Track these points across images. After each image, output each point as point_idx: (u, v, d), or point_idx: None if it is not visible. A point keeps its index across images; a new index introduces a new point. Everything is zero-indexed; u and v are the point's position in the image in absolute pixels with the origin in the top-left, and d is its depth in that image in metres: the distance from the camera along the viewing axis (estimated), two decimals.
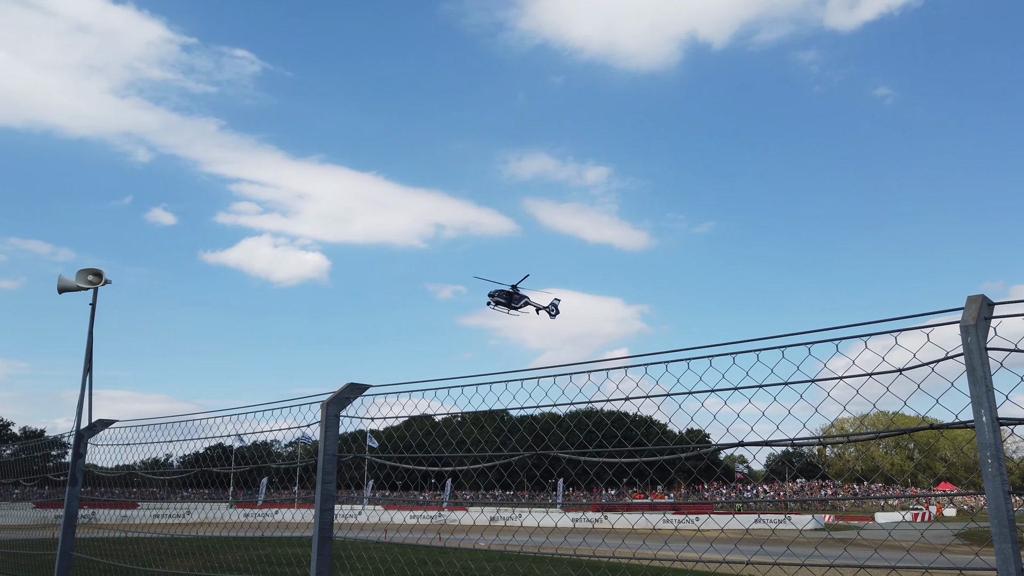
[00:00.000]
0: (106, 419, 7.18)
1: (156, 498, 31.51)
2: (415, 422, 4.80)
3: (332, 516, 4.75)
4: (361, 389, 5.14)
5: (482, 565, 11.04)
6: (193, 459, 21.93)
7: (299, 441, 47.46)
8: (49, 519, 33.57)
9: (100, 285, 10.85)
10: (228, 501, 53.43)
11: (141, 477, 8.63)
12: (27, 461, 11.59)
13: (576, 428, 4.33)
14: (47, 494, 55.34)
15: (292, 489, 65.90)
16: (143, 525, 9.22)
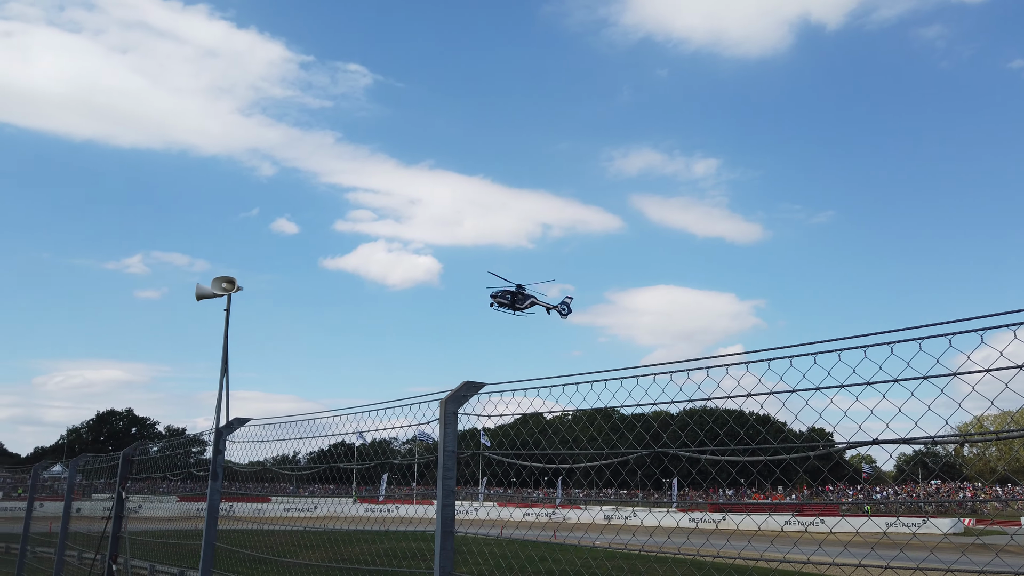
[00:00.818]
0: (242, 417, 7.64)
1: (286, 493, 33.29)
2: (530, 419, 4.87)
3: (453, 511, 4.85)
4: (477, 387, 5.21)
5: (602, 563, 10.97)
6: (318, 456, 23.00)
7: (417, 439, 48.85)
8: (192, 512, 36.04)
9: (233, 292, 11.56)
10: (352, 496, 55.65)
11: (274, 473, 9.13)
12: (171, 458, 12.50)
13: (696, 426, 4.22)
14: (188, 489, 59.64)
15: (411, 485, 67.82)
16: (275, 518, 9.75)
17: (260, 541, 9.48)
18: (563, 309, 42.01)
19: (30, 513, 16.91)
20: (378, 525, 12.57)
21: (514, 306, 39.25)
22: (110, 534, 10.28)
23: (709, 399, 4.08)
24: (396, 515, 17.37)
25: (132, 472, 10.67)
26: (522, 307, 39.70)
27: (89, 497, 42.17)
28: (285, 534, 9.16)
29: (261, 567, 11.00)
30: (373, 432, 7.26)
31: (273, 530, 9.16)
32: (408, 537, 20.71)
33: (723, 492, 75.97)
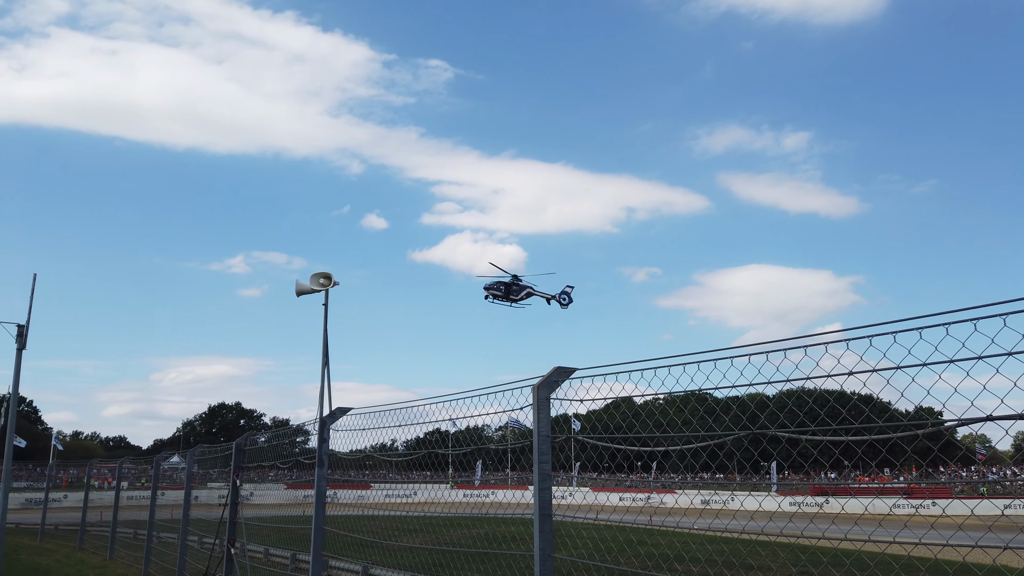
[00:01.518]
0: (343, 407, 7.96)
1: (386, 479, 34.24)
2: (622, 404, 4.84)
3: (550, 495, 4.93)
4: (568, 372, 5.25)
5: (703, 547, 10.86)
6: (415, 443, 23.63)
7: (508, 425, 49.48)
8: (298, 498, 37.48)
9: (330, 287, 12.00)
10: (449, 482, 56.92)
11: (375, 460, 9.49)
12: (277, 447, 13.14)
13: (796, 406, 4.12)
14: (294, 477, 62.30)
15: (505, 471, 68.69)
16: (377, 504, 10.11)
17: (364, 525, 9.86)
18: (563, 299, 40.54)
19: (154, 501, 18.13)
20: (475, 510, 12.84)
21: (508, 297, 38.10)
22: (227, 520, 10.91)
23: (808, 378, 3.98)
24: (492, 500, 17.74)
25: (244, 461, 11.27)
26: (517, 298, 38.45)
27: (204, 485, 44.79)
28: (387, 519, 9.48)
29: (366, 550, 11.45)
30: (466, 419, 7.43)
31: (375, 515, 9.50)
32: (504, 522, 21.04)
33: (825, 475, 73.44)
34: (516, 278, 37.82)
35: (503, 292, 37.44)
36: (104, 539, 23.60)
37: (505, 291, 37.43)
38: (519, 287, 37.71)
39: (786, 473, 76.10)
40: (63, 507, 37.12)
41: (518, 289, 37.72)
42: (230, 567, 10.70)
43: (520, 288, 37.78)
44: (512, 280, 37.61)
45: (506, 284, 37.42)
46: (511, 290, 37.50)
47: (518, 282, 37.65)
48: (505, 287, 37.46)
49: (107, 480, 61.01)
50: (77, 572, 18.42)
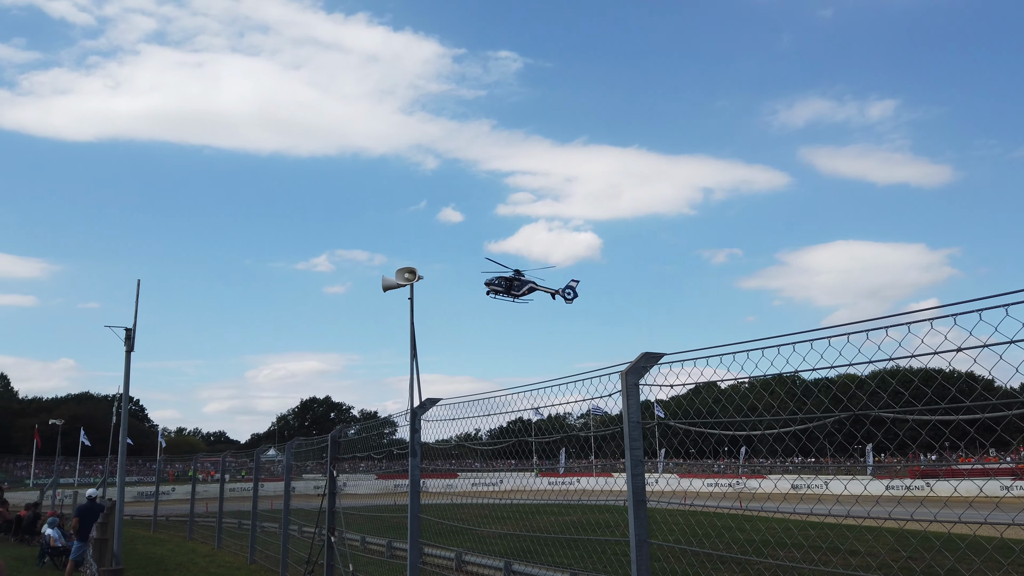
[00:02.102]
0: (433, 398, 8.13)
1: (472, 468, 34.76)
2: (703, 389, 4.79)
3: (643, 481, 4.92)
4: (655, 358, 5.21)
5: (805, 531, 10.60)
6: (498, 432, 23.83)
7: (591, 412, 49.52)
8: (389, 488, 38.25)
9: (415, 281, 12.26)
10: (533, 470, 57.32)
11: (461, 449, 9.66)
12: (366, 439, 13.52)
13: (900, 385, 3.97)
14: (383, 467, 63.88)
15: (588, 458, 68.63)
16: (464, 492, 10.30)
17: (454, 513, 10.06)
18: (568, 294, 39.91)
19: (256, 493, 18.98)
20: (561, 498, 12.93)
21: (510, 292, 37.83)
22: (326, 509, 11.33)
23: (913, 356, 3.83)
24: (576, 488, 17.81)
25: (339, 453, 11.67)
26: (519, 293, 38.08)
27: (300, 477, 46.51)
28: (476, 507, 9.65)
29: (458, 537, 11.68)
30: (552, 407, 7.47)
31: (465, 503, 9.67)
32: (591, 508, 20.99)
33: (925, 456, 70.26)
34: (518, 273, 37.85)
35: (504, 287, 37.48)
36: (211, 529, 24.88)
37: (507, 286, 37.46)
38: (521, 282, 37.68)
39: (883, 456, 73.15)
40: (171, 499, 39.29)
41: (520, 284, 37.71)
42: (331, 555, 11.12)
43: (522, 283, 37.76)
44: (514, 275, 37.64)
45: (508, 279, 37.49)
46: (512, 285, 37.53)
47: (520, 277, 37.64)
48: (507, 282, 37.50)
49: (210, 473, 64.25)
50: (189, 560, 19.48)
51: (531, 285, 37.72)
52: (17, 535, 25.01)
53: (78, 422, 76.72)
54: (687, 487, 48.58)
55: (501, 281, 37.06)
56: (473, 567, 12.96)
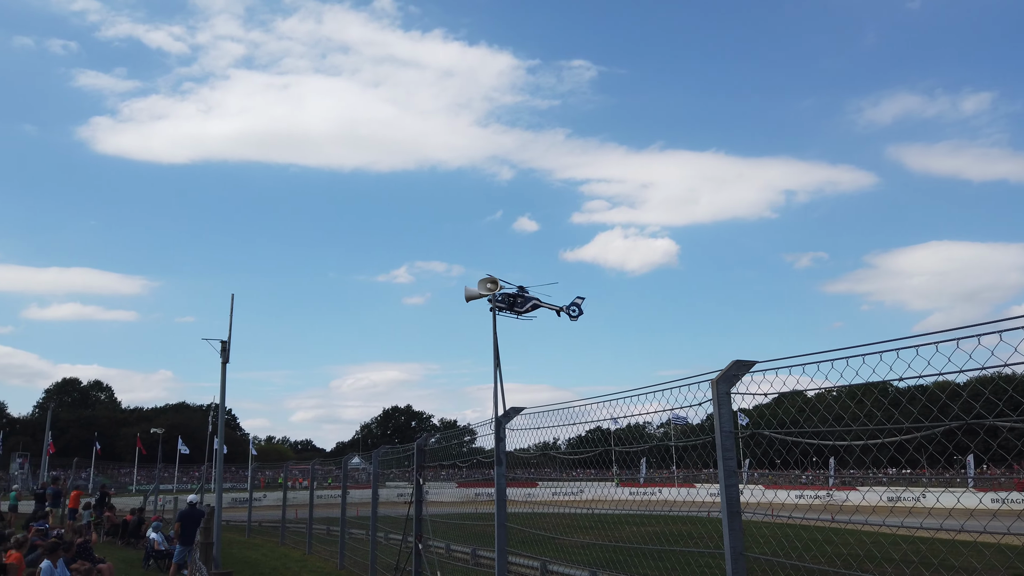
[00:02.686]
0: (517, 407, 8.30)
1: (551, 478, 34.74)
2: (786, 399, 4.74)
3: (738, 492, 4.93)
4: (747, 366, 5.20)
5: (897, 546, 10.24)
6: (576, 442, 23.82)
7: (671, 422, 48.80)
8: (470, 496, 38.59)
9: (497, 291, 12.50)
10: (613, 480, 56.85)
11: (543, 458, 9.77)
12: (448, 448, 13.82)
13: (993, 395, 3.87)
14: (464, 475, 64.44)
15: (671, 469, 67.57)
16: (545, 501, 10.38)
17: (535, 522, 10.18)
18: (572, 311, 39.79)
19: (344, 500, 19.61)
20: (642, 508, 12.87)
21: (513, 309, 37.80)
22: (413, 517, 11.66)
23: (1007, 364, 3.75)
24: (658, 498, 17.63)
25: (425, 461, 11.99)
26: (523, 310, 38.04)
27: (383, 484, 47.65)
28: (556, 516, 9.72)
29: (540, 546, 11.80)
30: (630, 417, 7.52)
31: (545, 513, 9.77)
32: (674, 519, 20.71)
33: None
34: (522, 289, 38.16)
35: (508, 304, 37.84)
36: (302, 535, 25.78)
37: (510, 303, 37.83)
38: (524, 299, 37.95)
39: (984, 467, 69.19)
40: (262, 506, 40.86)
41: (523, 301, 37.99)
42: (419, 562, 11.43)
43: (526, 300, 38.04)
44: (517, 291, 37.96)
45: (512, 296, 37.83)
46: (516, 302, 37.87)
47: (524, 294, 37.97)
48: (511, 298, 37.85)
49: (298, 480, 66.39)
50: (282, 565, 20.27)
51: (535, 302, 38.29)
52: (123, 538, 26.54)
53: (176, 431, 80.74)
54: (772, 498, 47.11)
55: (505, 299, 37.83)
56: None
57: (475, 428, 10.68)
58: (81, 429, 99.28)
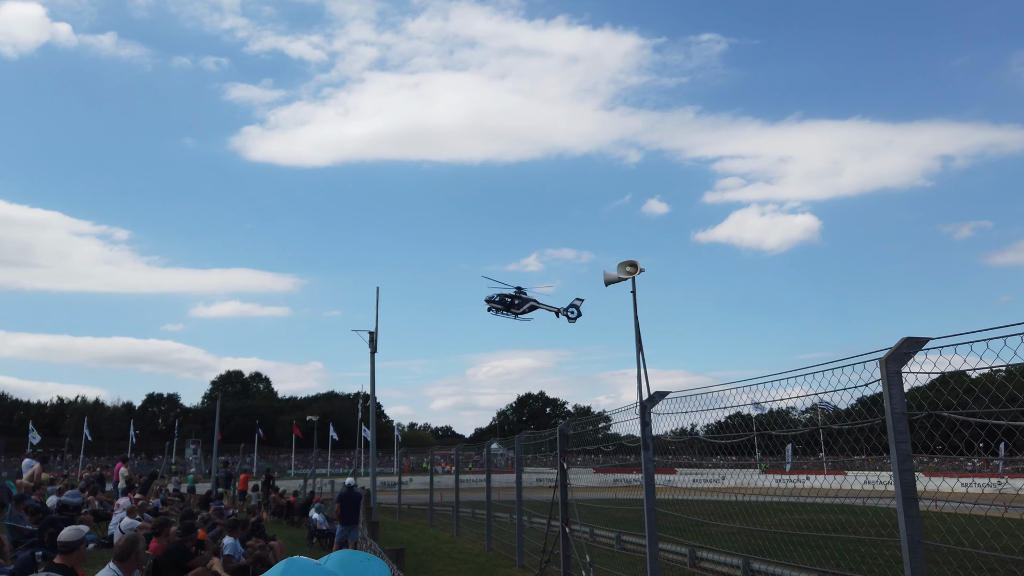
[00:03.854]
0: (662, 391, 8.28)
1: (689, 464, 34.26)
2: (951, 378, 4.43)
3: (913, 477, 4.72)
4: (919, 343, 4.92)
5: None
6: (715, 427, 23.28)
7: (818, 407, 46.68)
8: (608, 482, 38.64)
9: (636, 274, 12.49)
10: (757, 467, 55.13)
11: (678, 444, 9.67)
12: (582, 436, 13.94)
13: None
14: (600, 461, 64.66)
15: (818, 455, 64.63)
16: (687, 488, 10.27)
17: (676, 509, 10.08)
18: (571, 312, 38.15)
19: (489, 484, 20.25)
20: (788, 496, 12.44)
21: (510, 310, 36.42)
22: (559, 501, 11.89)
23: None
24: (806, 486, 16.88)
25: (568, 445, 12.18)
26: (519, 312, 36.45)
27: (522, 469, 48.65)
28: (697, 503, 9.58)
29: (686, 533, 11.67)
30: (775, 402, 7.32)
31: (685, 500, 9.65)
32: (822, 508, 19.85)
33: None
34: (520, 290, 37.27)
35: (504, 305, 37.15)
36: (448, 517, 26.85)
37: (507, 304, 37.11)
38: (522, 300, 37.21)
39: None
40: (408, 489, 42.78)
41: (520, 302, 37.24)
42: (566, 545, 11.66)
43: (523, 301, 37.32)
44: (515, 292, 37.11)
45: (509, 296, 37.04)
46: (512, 303, 37.05)
47: (522, 295, 37.10)
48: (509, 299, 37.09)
49: (440, 465, 68.94)
50: (433, 546, 21.23)
51: (532, 303, 37.99)
52: (288, 518, 28.68)
53: (327, 418, 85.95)
54: (938, 486, 44.14)
55: (503, 299, 37.68)
56: (708, 564, 12.86)
57: (616, 414, 10.73)
58: (243, 417, 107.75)
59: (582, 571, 11.16)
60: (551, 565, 13.23)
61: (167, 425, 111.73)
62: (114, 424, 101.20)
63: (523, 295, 35.75)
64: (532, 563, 15.26)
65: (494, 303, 36.12)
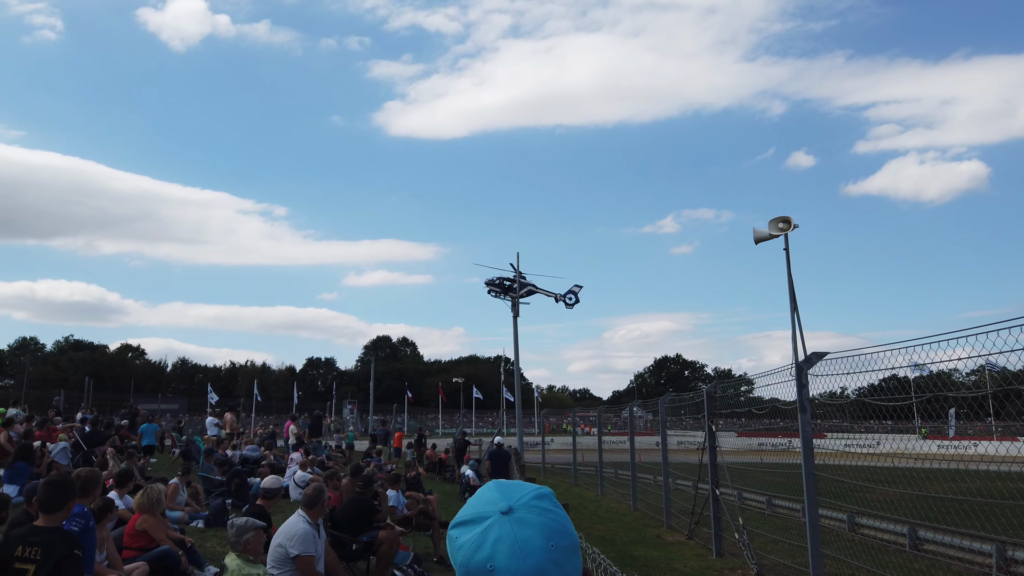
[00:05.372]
0: (819, 351, 8.05)
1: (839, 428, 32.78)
2: None
3: None
4: None
5: None
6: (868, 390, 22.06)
7: (986, 368, 43.23)
8: (752, 446, 37.53)
9: (789, 231, 12.11)
10: (918, 432, 51.93)
11: (825, 408, 9.32)
12: (725, 397, 13.74)
13: None
14: (742, 424, 63.31)
15: (986, 420, 60.05)
16: (838, 453, 9.91)
17: (831, 473, 9.78)
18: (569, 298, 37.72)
19: (633, 446, 20.45)
20: (954, 462, 11.74)
21: (508, 293, 36.88)
22: (707, 463, 11.90)
23: None
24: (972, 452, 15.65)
25: (716, 408, 12.12)
26: (517, 295, 36.93)
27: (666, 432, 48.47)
28: (850, 469, 9.26)
29: (840, 498, 11.32)
30: (940, 363, 6.97)
31: (836, 465, 9.32)
32: (990, 476, 18.53)
33: None
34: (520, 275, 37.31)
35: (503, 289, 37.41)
36: (591, 477, 27.35)
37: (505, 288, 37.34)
38: (521, 284, 37.35)
39: None
40: (551, 449, 43.72)
41: (519, 287, 37.26)
42: (716, 507, 11.68)
43: (522, 286, 37.55)
44: (514, 278, 37.25)
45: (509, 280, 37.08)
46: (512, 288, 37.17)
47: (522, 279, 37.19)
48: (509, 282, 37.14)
49: (581, 427, 69.94)
50: (579, 504, 21.76)
51: (530, 288, 38.77)
52: (440, 474, 30.25)
53: (470, 380, 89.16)
54: None
55: (501, 282, 38.49)
56: (869, 530, 12.43)
57: (766, 376, 10.52)
58: (393, 380, 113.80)
59: (734, 533, 11.16)
60: (701, 527, 13.29)
61: (325, 387, 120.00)
62: (279, 386, 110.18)
63: (522, 279, 37.54)
64: (679, 524, 15.37)
65: (494, 286, 38.35)
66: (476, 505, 1.42)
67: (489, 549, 1.32)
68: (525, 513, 1.36)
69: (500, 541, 1.32)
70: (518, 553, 1.31)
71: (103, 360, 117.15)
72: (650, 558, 11.90)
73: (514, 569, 1.30)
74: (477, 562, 1.32)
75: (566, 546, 1.36)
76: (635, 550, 12.61)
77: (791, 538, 10.58)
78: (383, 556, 9.10)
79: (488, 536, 1.34)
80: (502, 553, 1.31)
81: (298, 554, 7.12)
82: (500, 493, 1.42)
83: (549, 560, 1.32)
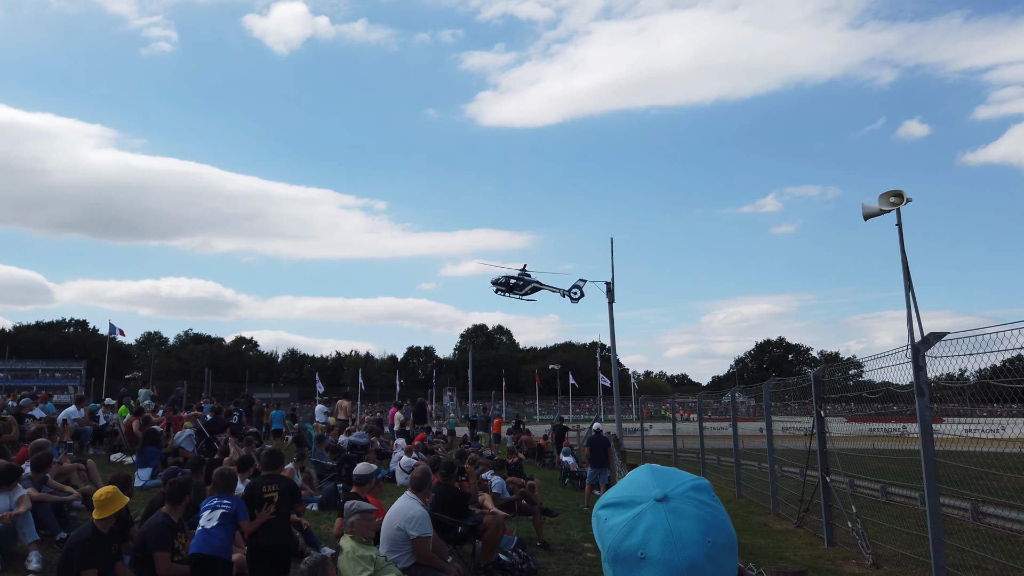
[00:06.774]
0: (937, 332, 7.63)
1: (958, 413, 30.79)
2: None
3: None
4: None
5: None
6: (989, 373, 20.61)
7: None
8: (863, 431, 36.09)
9: (902, 205, 11.53)
10: None
11: (940, 391, 8.78)
12: (833, 381, 13.21)
13: None
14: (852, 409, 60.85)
15: None
16: (956, 438, 9.34)
17: (951, 460, 9.25)
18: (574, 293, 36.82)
19: (736, 432, 20.01)
20: None
21: (513, 291, 38.14)
22: (816, 450, 11.53)
23: None
24: None
25: (824, 392, 11.71)
26: (523, 292, 38.13)
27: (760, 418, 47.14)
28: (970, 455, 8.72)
29: (963, 486, 10.71)
30: None
31: (955, 451, 8.80)
32: None
33: None
34: (524, 272, 36.94)
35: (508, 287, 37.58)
36: (691, 464, 26.97)
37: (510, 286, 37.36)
38: (525, 282, 37.62)
39: None
40: (650, 435, 43.33)
41: (523, 284, 37.50)
42: (827, 495, 11.31)
43: (526, 283, 37.70)
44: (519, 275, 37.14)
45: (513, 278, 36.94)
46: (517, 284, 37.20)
47: (525, 277, 36.92)
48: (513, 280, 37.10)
49: (679, 412, 68.85)
50: None
51: (535, 284, 38.95)
52: (540, 460, 30.54)
53: (566, 367, 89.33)
54: None
55: (507, 280, 38.77)
56: (995, 519, 11.73)
57: (878, 358, 10.05)
58: (490, 367, 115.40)
59: (847, 522, 10.78)
60: (810, 515, 12.91)
61: (425, 375, 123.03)
62: (382, 374, 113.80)
63: (526, 277, 38.52)
64: (787, 512, 14.96)
65: (500, 284, 39.55)
66: (628, 488, 1.36)
67: (641, 536, 1.27)
68: (681, 503, 1.29)
69: (653, 529, 1.27)
70: (672, 544, 1.25)
71: (220, 352, 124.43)
72: (758, 546, 11.66)
73: (667, 560, 1.24)
74: (628, 547, 1.27)
75: (724, 543, 1.28)
76: (742, 538, 12.36)
77: (909, 527, 10.13)
78: (488, 540, 9.31)
79: (640, 522, 1.28)
80: (655, 542, 1.25)
81: (418, 536, 7.41)
82: (655, 478, 1.35)
83: (704, 556, 1.25)
